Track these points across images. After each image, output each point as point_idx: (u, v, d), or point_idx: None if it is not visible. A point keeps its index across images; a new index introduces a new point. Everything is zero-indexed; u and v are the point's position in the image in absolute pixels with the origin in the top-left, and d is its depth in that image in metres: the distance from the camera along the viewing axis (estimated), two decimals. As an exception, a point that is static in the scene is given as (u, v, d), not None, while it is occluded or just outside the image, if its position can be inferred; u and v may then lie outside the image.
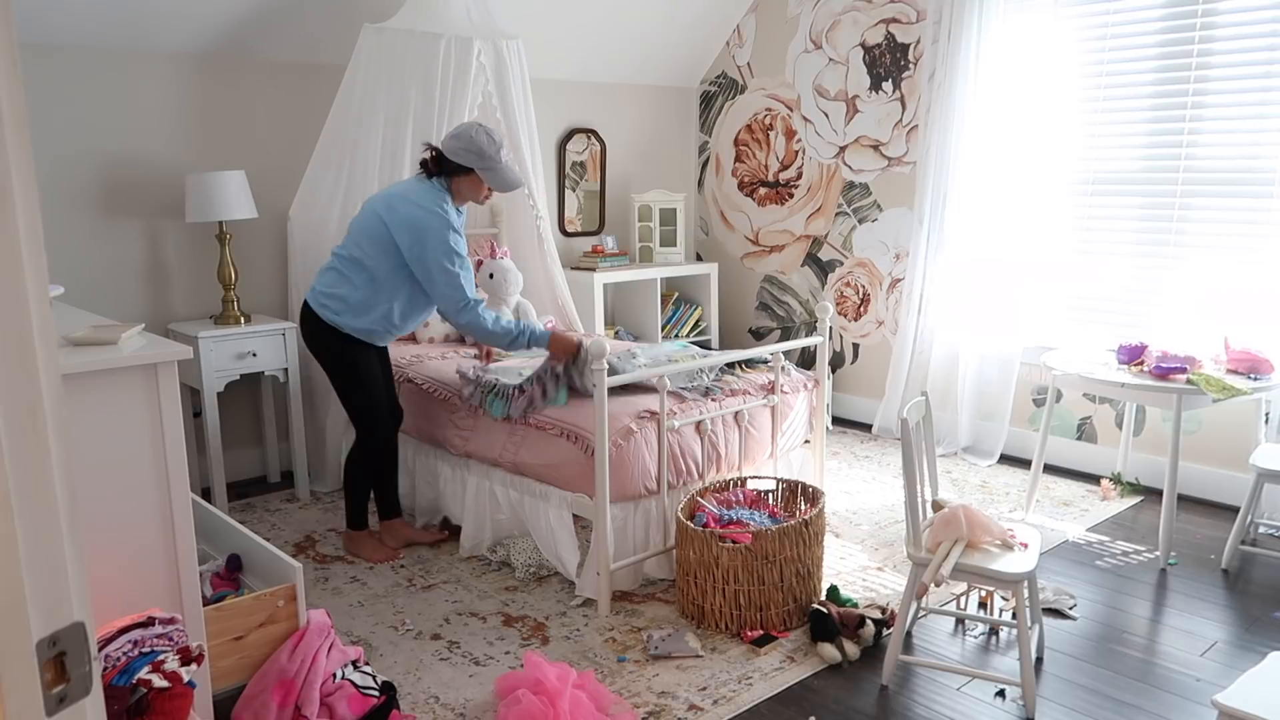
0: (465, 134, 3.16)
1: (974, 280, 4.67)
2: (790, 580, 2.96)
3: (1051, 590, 3.22)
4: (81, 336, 2.01)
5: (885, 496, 4.22)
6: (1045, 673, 2.76)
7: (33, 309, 0.72)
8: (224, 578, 2.64)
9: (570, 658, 2.82)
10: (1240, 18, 3.86)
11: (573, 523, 3.27)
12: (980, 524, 2.59)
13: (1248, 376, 3.41)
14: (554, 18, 4.92)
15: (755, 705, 2.58)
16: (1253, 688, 1.88)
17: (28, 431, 0.72)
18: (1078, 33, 4.29)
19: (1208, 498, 4.14)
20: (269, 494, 4.31)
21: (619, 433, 3.10)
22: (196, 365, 3.85)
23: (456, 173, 3.21)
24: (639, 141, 5.78)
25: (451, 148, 3.17)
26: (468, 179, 3.22)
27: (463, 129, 3.18)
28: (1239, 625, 3.04)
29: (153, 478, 1.99)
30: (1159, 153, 4.14)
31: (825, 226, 5.46)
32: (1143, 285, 4.27)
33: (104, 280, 3.99)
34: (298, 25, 4.20)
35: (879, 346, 5.29)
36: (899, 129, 5.02)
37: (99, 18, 3.72)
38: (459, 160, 3.16)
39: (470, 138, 3.14)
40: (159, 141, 4.05)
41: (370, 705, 2.41)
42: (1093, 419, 4.51)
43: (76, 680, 0.77)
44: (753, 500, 3.32)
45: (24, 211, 0.71)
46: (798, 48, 5.41)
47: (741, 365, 3.81)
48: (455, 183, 3.23)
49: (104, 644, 1.85)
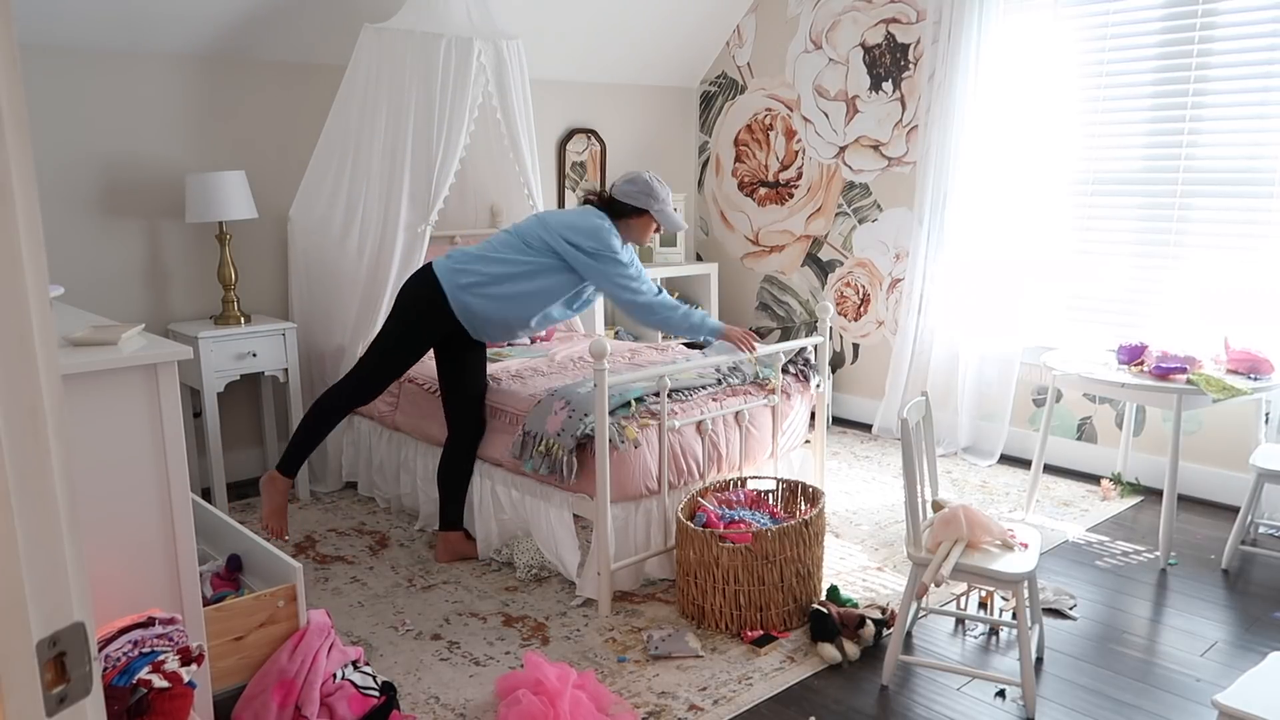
0: (639, 178, 3.35)
1: (974, 280, 4.67)
2: (790, 580, 2.96)
3: (1051, 590, 3.22)
4: (81, 337, 2.01)
5: (885, 496, 4.22)
6: (1045, 673, 2.76)
7: (33, 309, 0.72)
8: (224, 578, 2.64)
9: (570, 658, 2.82)
10: (1240, 18, 3.86)
11: (573, 522, 3.27)
12: (980, 524, 2.59)
13: (1248, 376, 3.41)
14: (554, 18, 4.92)
15: (755, 705, 2.58)
16: (1253, 688, 1.88)
17: (28, 431, 0.72)
18: (1078, 33, 4.29)
19: (1208, 498, 4.14)
20: (269, 494, 4.31)
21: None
22: (196, 365, 3.85)
23: (627, 214, 3.35)
24: (639, 141, 5.78)
25: (627, 191, 3.34)
26: (639, 220, 3.37)
27: (635, 174, 3.37)
28: (1239, 625, 3.04)
29: (153, 478, 1.99)
30: (1159, 153, 4.14)
31: (825, 226, 5.46)
32: (1143, 285, 4.27)
33: (104, 280, 3.99)
34: (298, 26, 4.20)
35: (879, 346, 5.29)
36: (899, 129, 5.02)
37: (99, 19, 3.72)
38: (633, 202, 3.32)
39: (645, 181, 3.34)
40: (159, 142, 4.05)
41: (370, 705, 2.41)
42: (1093, 419, 4.51)
43: (77, 680, 0.76)
44: (753, 500, 3.32)
45: (24, 211, 0.71)
46: (798, 48, 5.41)
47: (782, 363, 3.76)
48: (624, 225, 3.36)
49: (104, 644, 1.85)
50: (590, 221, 3.27)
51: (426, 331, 3.36)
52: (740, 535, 2.91)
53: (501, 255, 3.30)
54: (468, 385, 3.49)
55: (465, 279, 3.28)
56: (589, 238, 3.23)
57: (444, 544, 3.53)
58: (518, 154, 4.39)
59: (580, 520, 3.30)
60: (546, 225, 3.31)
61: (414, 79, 4.00)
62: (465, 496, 3.56)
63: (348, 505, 4.15)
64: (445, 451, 3.52)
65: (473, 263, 3.31)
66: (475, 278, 3.28)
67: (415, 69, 4.00)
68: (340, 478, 4.33)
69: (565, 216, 3.33)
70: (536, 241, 3.30)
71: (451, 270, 3.30)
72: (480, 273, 3.28)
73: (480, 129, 4.38)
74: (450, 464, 3.51)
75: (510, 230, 3.40)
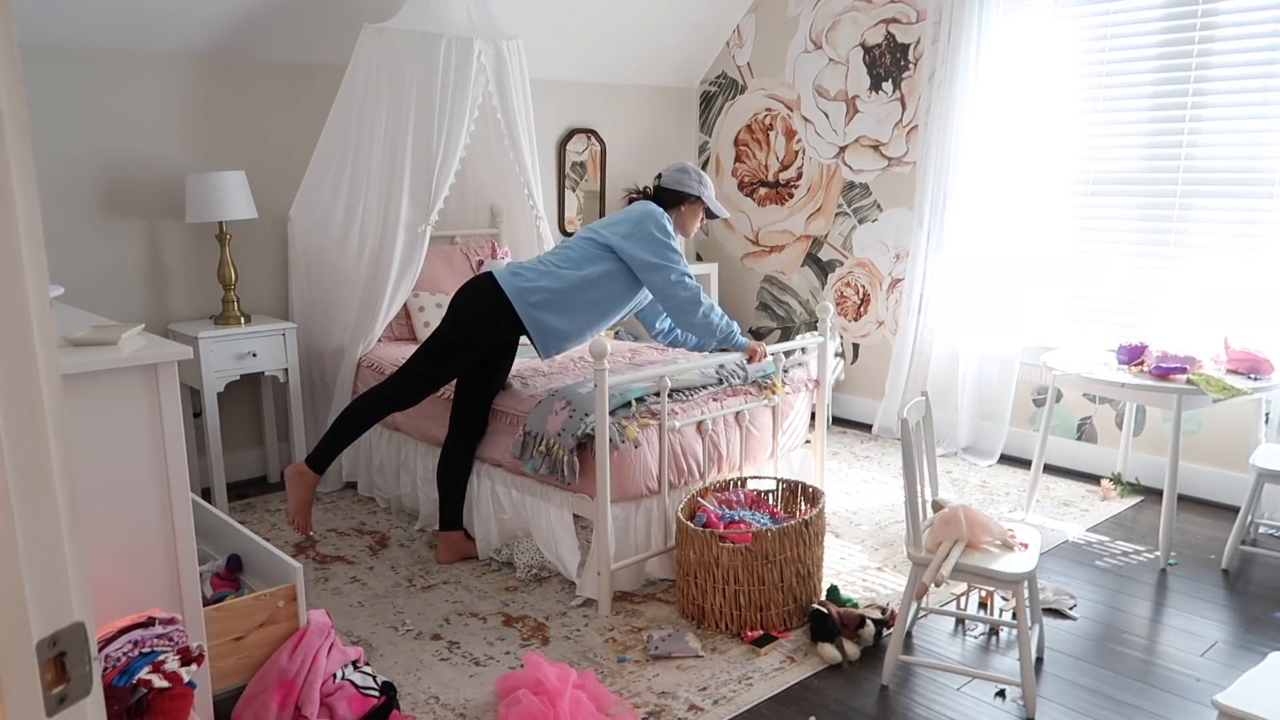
0: (689, 167, 3.43)
1: (974, 280, 4.67)
2: (790, 580, 2.96)
3: (1051, 590, 3.22)
4: (81, 337, 2.01)
5: (885, 496, 4.22)
6: (1045, 673, 2.76)
7: (33, 309, 0.72)
8: (224, 578, 2.64)
9: (570, 658, 2.82)
10: (1240, 18, 3.86)
11: (573, 522, 3.27)
12: (980, 524, 2.59)
13: (1248, 376, 3.41)
14: (554, 18, 4.92)
15: (755, 705, 2.58)
16: (1253, 688, 1.88)
17: (28, 431, 0.72)
18: (1078, 33, 4.29)
19: (1208, 498, 4.14)
20: (269, 494, 4.31)
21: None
22: (196, 365, 3.85)
23: (677, 203, 3.41)
24: (639, 141, 5.78)
25: (678, 179, 3.41)
26: (690, 207, 3.43)
27: (678, 165, 3.44)
28: (1239, 625, 3.04)
29: (153, 478, 1.99)
30: (1159, 153, 4.14)
31: (825, 226, 5.46)
32: (1143, 285, 4.27)
33: (104, 280, 3.99)
34: (298, 26, 4.20)
35: (879, 346, 5.29)
36: (899, 129, 5.02)
37: (99, 18, 3.72)
38: (685, 189, 3.40)
39: (690, 169, 3.42)
40: (159, 142, 4.05)
41: (370, 705, 2.41)
42: (1093, 419, 4.51)
43: (77, 680, 0.76)
44: (753, 500, 3.32)
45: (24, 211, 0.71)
46: (798, 48, 5.41)
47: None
48: (675, 214, 3.41)
49: (104, 644, 1.85)
50: (644, 208, 3.30)
51: (485, 343, 3.32)
52: (740, 535, 2.91)
53: (563, 270, 3.27)
54: (491, 388, 3.48)
55: (535, 296, 3.24)
56: (643, 223, 3.25)
57: (445, 544, 3.52)
58: (518, 154, 4.39)
59: (580, 520, 3.30)
60: (598, 229, 3.32)
61: (414, 79, 4.00)
62: (465, 496, 3.56)
63: (348, 505, 4.15)
64: (446, 450, 3.51)
65: (539, 278, 3.27)
66: (544, 295, 3.24)
67: (415, 69, 4.00)
68: (340, 478, 4.33)
69: (616, 214, 3.37)
70: (592, 248, 3.29)
71: (520, 289, 3.25)
72: (547, 289, 3.25)
73: (480, 129, 4.38)
74: (452, 463, 3.50)
75: (565, 245, 3.38)
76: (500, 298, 3.25)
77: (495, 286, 3.27)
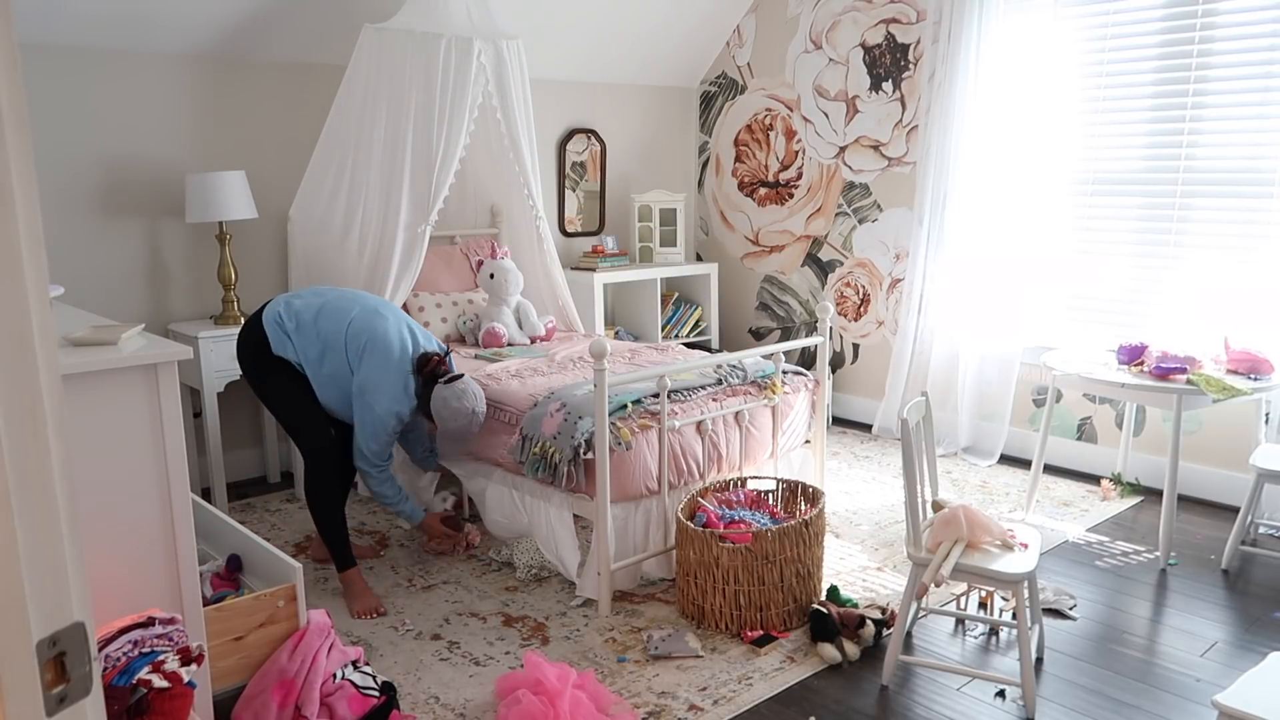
0: (462, 413, 3.11)
1: (974, 280, 4.67)
2: (790, 580, 2.96)
3: (1051, 590, 3.22)
4: (81, 336, 2.01)
5: (885, 496, 4.22)
6: (1045, 673, 2.76)
7: (33, 309, 0.72)
8: (224, 578, 2.64)
9: (570, 658, 2.82)
10: (1240, 18, 3.86)
11: (573, 522, 3.27)
12: (980, 524, 2.59)
13: (1248, 376, 3.41)
14: (554, 18, 4.92)
15: (755, 705, 2.58)
16: (1253, 688, 1.88)
17: (28, 431, 0.72)
18: (1078, 33, 4.29)
19: (1208, 498, 4.14)
20: (269, 494, 4.31)
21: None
22: (196, 365, 3.85)
23: (428, 403, 3.14)
24: (639, 142, 5.78)
25: (441, 413, 3.11)
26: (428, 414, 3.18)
27: (464, 417, 3.13)
28: (1239, 625, 3.04)
29: (153, 478, 1.99)
30: (1159, 153, 4.14)
31: (825, 227, 5.46)
32: (1143, 285, 4.27)
33: (104, 280, 3.99)
34: (298, 26, 4.20)
35: (879, 347, 5.29)
36: (899, 129, 5.02)
37: (99, 18, 3.72)
38: (436, 413, 3.12)
39: (462, 420, 3.12)
40: (159, 142, 4.05)
41: (370, 705, 2.41)
42: (1093, 419, 4.50)
43: (76, 680, 0.76)
44: (753, 500, 3.32)
45: (24, 211, 0.71)
46: (798, 48, 5.41)
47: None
48: (426, 402, 3.15)
49: (104, 644, 1.85)
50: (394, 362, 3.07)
51: (275, 368, 3.18)
52: (740, 535, 2.91)
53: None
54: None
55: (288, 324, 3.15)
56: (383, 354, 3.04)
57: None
58: (518, 154, 4.39)
59: (580, 520, 3.30)
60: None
61: (414, 79, 4.00)
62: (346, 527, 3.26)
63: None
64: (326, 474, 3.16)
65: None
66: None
67: (415, 69, 4.00)
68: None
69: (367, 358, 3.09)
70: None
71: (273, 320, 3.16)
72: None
73: (480, 129, 4.38)
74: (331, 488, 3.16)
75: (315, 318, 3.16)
76: (256, 329, 3.15)
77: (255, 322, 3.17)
